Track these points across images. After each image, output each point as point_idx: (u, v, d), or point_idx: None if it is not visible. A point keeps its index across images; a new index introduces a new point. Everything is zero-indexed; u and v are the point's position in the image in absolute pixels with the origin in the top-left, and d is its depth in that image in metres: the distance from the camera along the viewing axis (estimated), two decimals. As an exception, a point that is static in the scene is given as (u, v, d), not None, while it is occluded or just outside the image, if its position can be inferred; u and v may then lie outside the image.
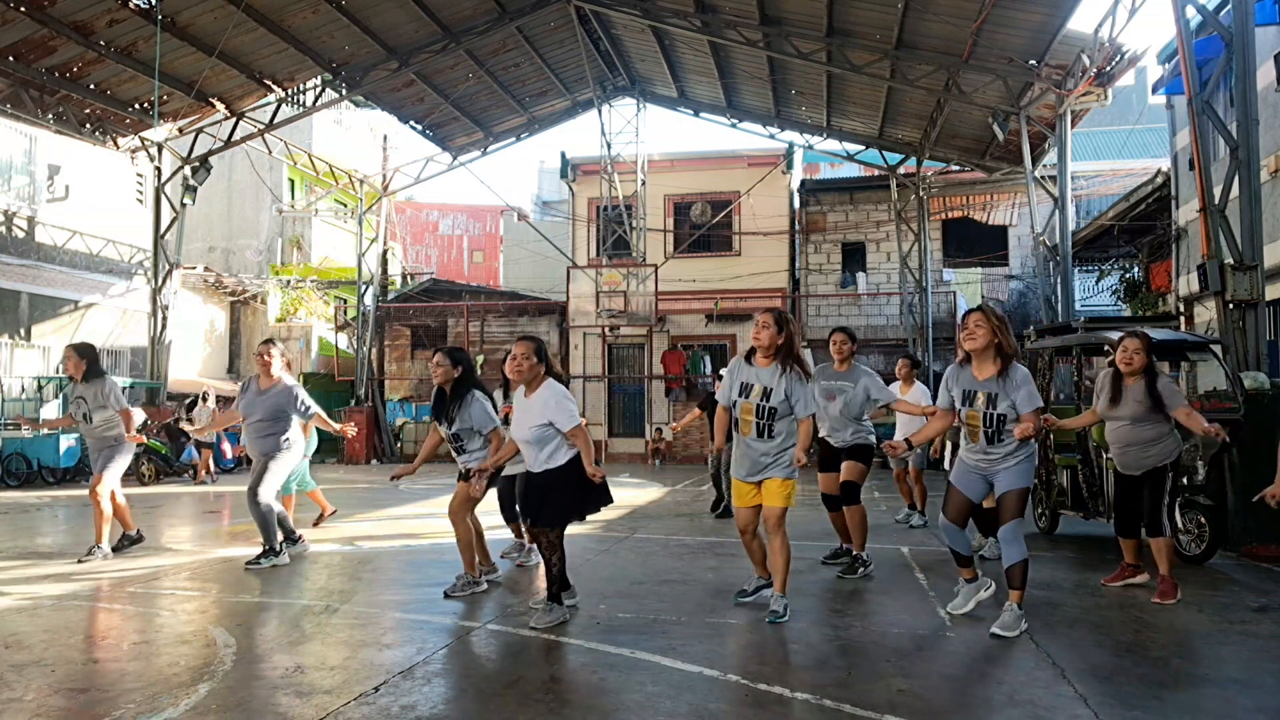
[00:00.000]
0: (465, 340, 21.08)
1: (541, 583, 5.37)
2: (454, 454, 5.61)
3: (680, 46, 17.45)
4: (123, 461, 6.94)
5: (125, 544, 7.02)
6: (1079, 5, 11.66)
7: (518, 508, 4.96)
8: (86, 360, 6.83)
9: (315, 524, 8.41)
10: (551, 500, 4.66)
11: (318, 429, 7.55)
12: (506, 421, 6.17)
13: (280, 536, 6.52)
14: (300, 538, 6.92)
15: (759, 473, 4.76)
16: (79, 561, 6.60)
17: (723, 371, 9.17)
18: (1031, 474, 4.67)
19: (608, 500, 4.83)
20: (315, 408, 6.70)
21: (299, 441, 6.72)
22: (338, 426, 6.92)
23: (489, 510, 5.92)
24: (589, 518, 5.07)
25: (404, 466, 5.70)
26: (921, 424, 8.49)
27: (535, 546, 6.39)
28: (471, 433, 5.53)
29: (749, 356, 4.84)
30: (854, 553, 6.11)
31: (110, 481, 6.82)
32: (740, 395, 4.73)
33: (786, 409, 4.69)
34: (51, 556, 6.97)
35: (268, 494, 6.41)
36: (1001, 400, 4.46)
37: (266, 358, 6.49)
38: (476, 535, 5.68)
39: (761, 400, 4.66)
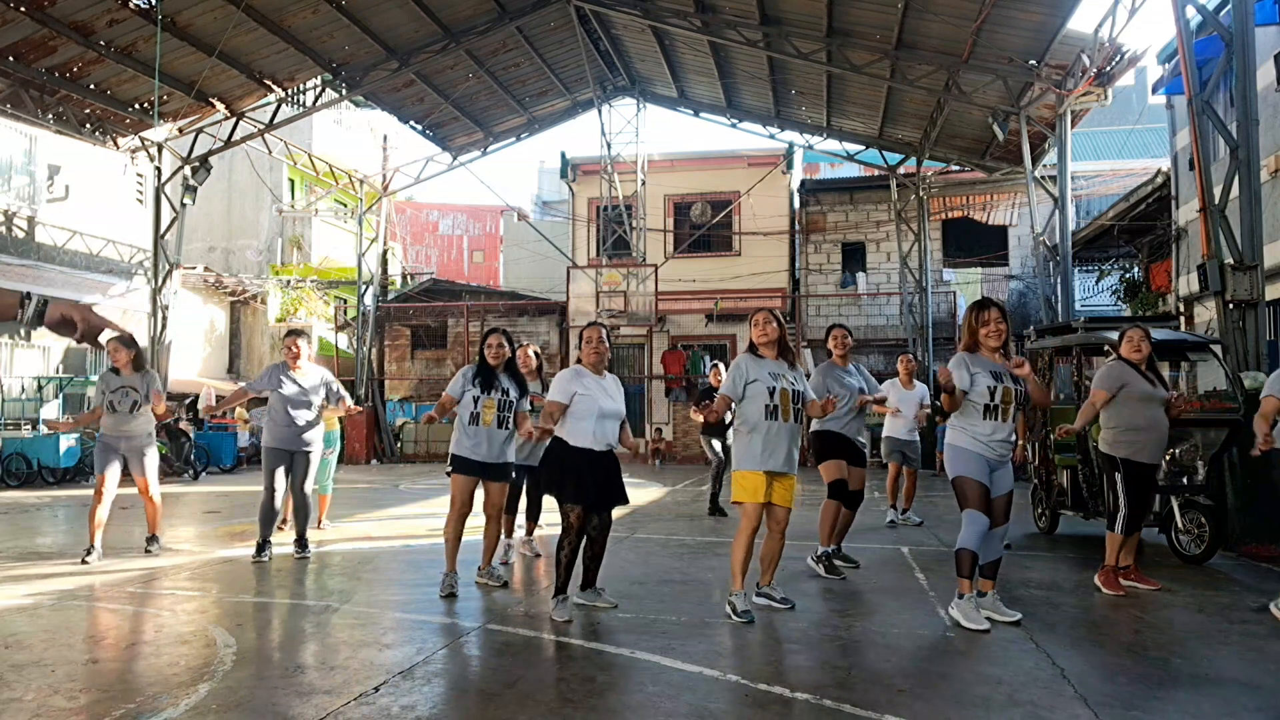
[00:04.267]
0: (465, 341, 21.09)
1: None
2: (498, 423, 5.55)
3: (680, 46, 17.45)
4: (156, 457, 7.14)
5: (87, 554, 6.67)
6: (1079, 5, 11.67)
7: (586, 496, 4.84)
8: (134, 351, 6.93)
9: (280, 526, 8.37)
10: (621, 478, 5.09)
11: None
12: (533, 409, 6.23)
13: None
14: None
15: (786, 465, 4.86)
16: (146, 552, 6.94)
17: (719, 364, 9.22)
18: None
19: None
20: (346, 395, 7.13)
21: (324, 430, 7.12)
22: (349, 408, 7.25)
23: (477, 511, 5.89)
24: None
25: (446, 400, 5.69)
26: (906, 420, 8.64)
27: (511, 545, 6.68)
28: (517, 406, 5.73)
29: (753, 351, 5.02)
30: (821, 549, 6.14)
31: (156, 482, 7.06)
32: (775, 382, 4.88)
33: (805, 394, 5.01)
34: (51, 556, 6.97)
35: (311, 485, 6.90)
36: (1016, 380, 4.83)
37: (295, 349, 6.70)
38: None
39: (793, 386, 4.92)
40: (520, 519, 7.04)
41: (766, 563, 5.05)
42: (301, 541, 6.88)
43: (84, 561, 6.54)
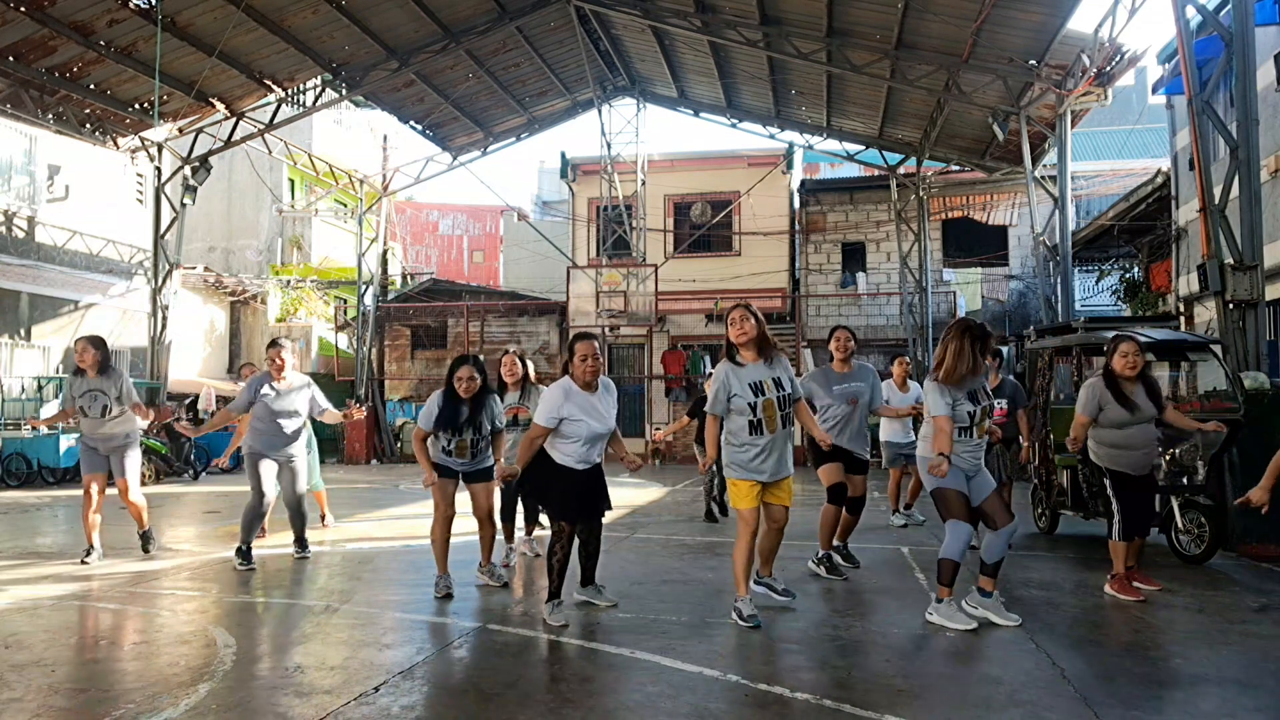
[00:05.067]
0: (465, 340, 21.10)
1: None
2: (470, 454, 5.54)
3: (680, 46, 17.45)
4: (138, 458, 6.95)
5: (86, 555, 6.65)
6: (1079, 5, 11.66)
7: (571, 511, 4.82)
8: (103, 353, 6.70)
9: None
10: (606, 490, 5.02)
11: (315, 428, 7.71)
12: (515, 423, 6.24)
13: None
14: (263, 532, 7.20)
15: (781, 470, 4.78)
16: (145, 552, 6.87)
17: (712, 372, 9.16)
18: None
19: None
20: (329, 406, 7.01)
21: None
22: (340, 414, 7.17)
23: (464, 512, 5.86)
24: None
25: (429, 475, 5.52)
26: (904, 425, 8.57)
27: (513, 548, 6.64)
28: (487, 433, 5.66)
29: (732, 356, 4.80)
30: (822, 551, 6.13)
31: (137, 483, 6.87)
32: (757, 395, 4.68)
33: (792, 395, 4.83)
34: (51, 556, 6.97)
35: (303, 487, 6.85)
36: (988, 395, 4.96)
37: (279, 360, 6.57)
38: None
39: (778, 392, 4.72)
40: (519, 520, 7.03)
41: (765, 556, 5.04)
42: (301, 542, 6.87)
43: (84, 562, 6.53)
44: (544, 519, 7.02)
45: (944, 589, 4.75)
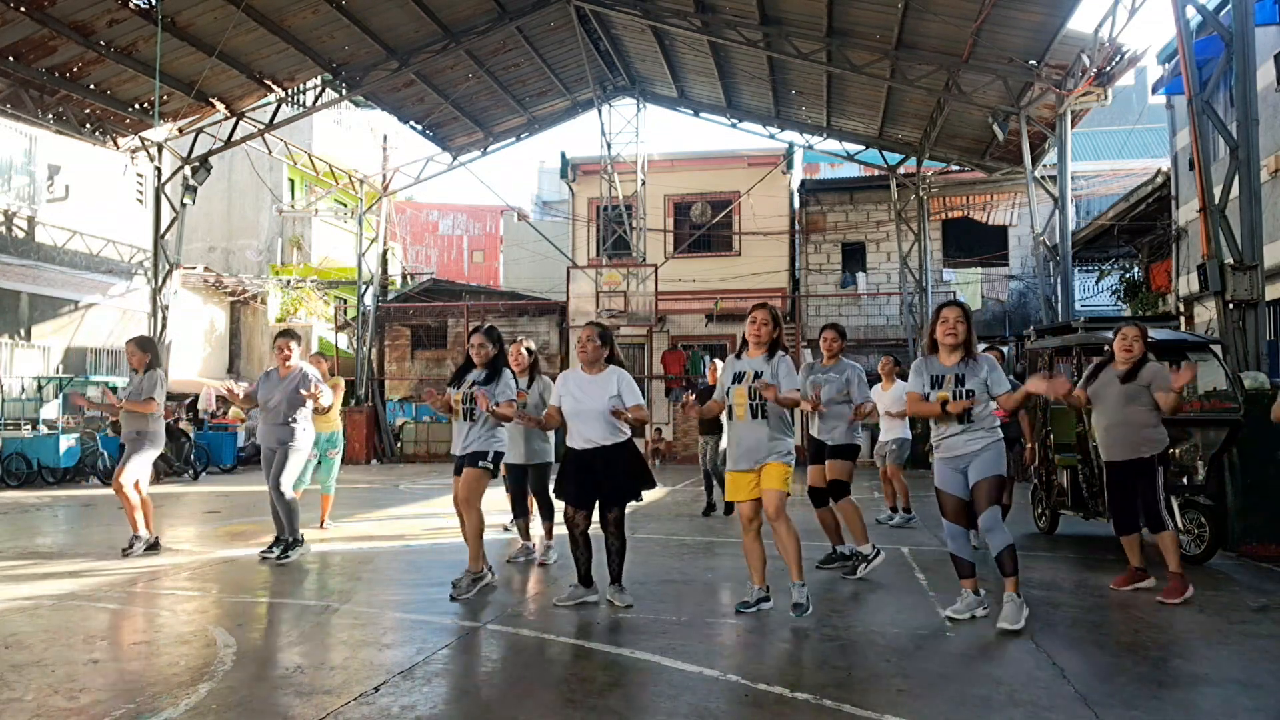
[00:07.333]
0: (465, 341, 21.09)
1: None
2: (465, 417, 5.49)
3: (680, 46, 17.45)
4: (146, 456, 7.05)
5: (135, 544, 6.87)
6: (1079, 5, 11.67)
7: (568, 493, 5.02)
8: (149, 353, 7.21)
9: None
10: (626, 474, 5.03)
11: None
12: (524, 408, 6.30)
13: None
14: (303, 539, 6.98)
15: (758, 458, 4.75)
16: (124, 554, 6.82)
17: (718, 361, 9.24)
18: (1003, 463, 4.75)
19: (651, 483, 5.22)
20: (326, 390, 6.89)
21: (311, 431, 6.91)
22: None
23: (493, 509, 5.88)
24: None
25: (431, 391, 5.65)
26: (900, 422, 8.55)
27: (536, 543, 6.61)
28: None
29: (739, 352, 5.03)
30: (857, 548, 6.11)
31: (132, 473, 6.96)
32: (733, 383, 4.88)
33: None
34: (51, 556, 6.97)
35: (288, 483, 6.66)
36: (969, 379, 4.70)
37: (286, 351, 6.69)
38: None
39: (753, 382, 4.75)
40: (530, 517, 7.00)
41: (784, 559, 4.96)
42: (278, 542, 6.63)
43: (125, 553, 6.79)
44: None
45: (962, 581, 4.85)
